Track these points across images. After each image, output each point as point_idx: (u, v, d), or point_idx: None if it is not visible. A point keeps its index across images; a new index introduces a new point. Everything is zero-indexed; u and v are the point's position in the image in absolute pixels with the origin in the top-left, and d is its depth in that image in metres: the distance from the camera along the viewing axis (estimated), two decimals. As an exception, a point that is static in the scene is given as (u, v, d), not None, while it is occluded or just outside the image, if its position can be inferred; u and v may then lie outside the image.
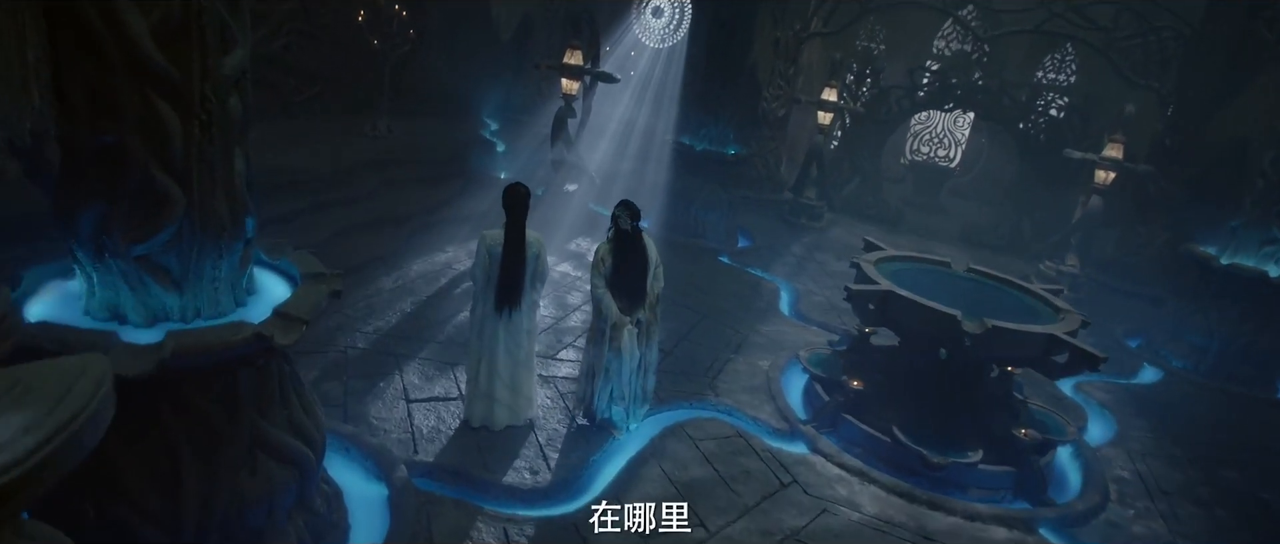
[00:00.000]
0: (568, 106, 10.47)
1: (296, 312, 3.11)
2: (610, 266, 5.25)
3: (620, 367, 5.44)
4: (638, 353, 5.51)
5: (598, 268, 5.26)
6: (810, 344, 7.76)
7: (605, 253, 5.28)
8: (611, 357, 5.36)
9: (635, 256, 5.29)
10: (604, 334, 5.34)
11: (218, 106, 2.87)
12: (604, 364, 5.40)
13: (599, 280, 5.26)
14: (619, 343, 5.35)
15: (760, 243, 11.63)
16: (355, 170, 9.53)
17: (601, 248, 5.31)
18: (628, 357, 5.42)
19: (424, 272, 8.03)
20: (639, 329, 5.46)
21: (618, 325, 5.30)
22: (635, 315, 5.38)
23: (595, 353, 5.46)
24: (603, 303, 5.26)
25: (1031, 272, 12.19)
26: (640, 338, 5.49)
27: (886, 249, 7.21)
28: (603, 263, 5.26)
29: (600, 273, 5.26)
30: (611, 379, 5.50)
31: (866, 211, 15.04)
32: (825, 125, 12.80)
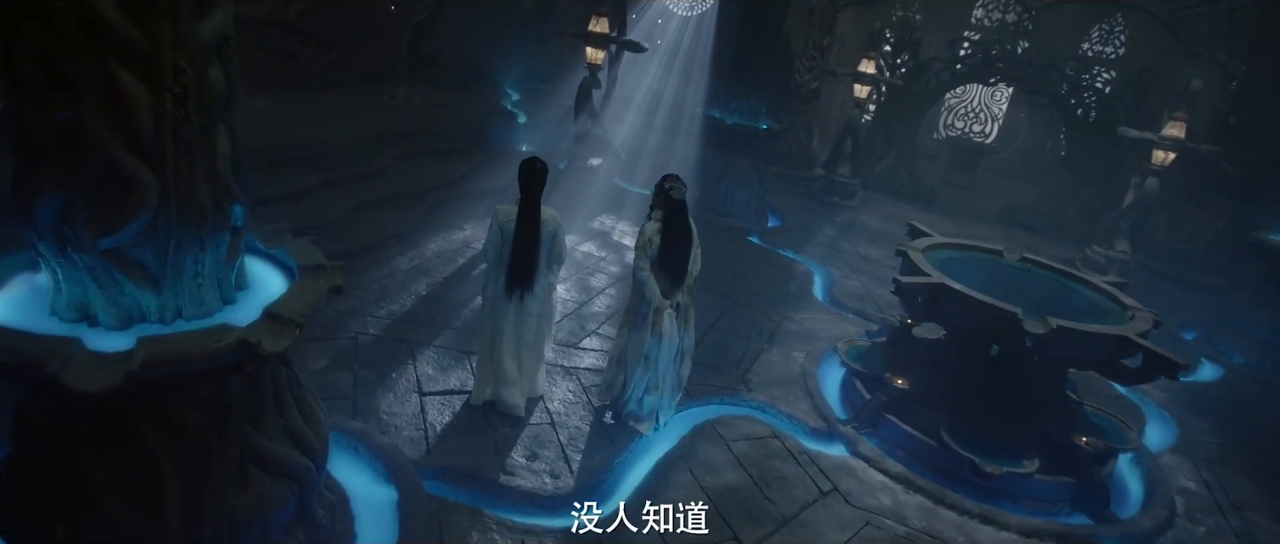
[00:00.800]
0: (592, 77, 9.99)
1: (289, 312, 2.74)
2: (658, 247, 4.90)
3: (660, 353, 5.08)
4: (676, 339, 5.16)
5: (645, 249, 4.92)
6: (847, 335, 7.33)
7: (653, 233, 4.93)
8: (652, 342, 5.02)
9: (682, 235, 4.95)
10: (646, 319, 5.01)
11: (194, 78, 2.47)
12: (644, 350, 5.06)
13: (645, 261, 4.92)
14: (660, 327, 5.00)
15: (791, 222, 11.13)
16: (372, 143, 9.16)
17: (648, 228, 4.96)
18: (668, 342, 5.08)
19: (441, 250, 7.68)
20: (677, 313, 5.11)
21: (660, 309, 4.96)
22: (675, 298, 5.04)
23: (632, 339, 5.10)
24: (647, 286, 4.92)
25: (1077, 257, 11.60)
26: (679, 321, 5.15)
27: (933, 235, 6.71)
28: (650, 244, 4.92)
29: (647, 254, 4.92)
30: (651, 366, 5.13)
31: (900, 189, 14.44)
32: (861, 99, 12.17)
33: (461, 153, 10.36)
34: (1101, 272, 10.69)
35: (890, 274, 9.68)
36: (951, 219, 13.48)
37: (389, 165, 8.93)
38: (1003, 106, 21.87)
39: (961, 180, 16.77)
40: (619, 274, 7.88)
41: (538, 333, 5.08)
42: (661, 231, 4.91)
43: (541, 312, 5.05)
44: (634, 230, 9.25)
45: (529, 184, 4.74)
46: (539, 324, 5.07)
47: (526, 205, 4.75)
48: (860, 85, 12.01)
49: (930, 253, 6.14)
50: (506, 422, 4.93)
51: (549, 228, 4.83)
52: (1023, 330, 4.76)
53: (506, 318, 4.91)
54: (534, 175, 4.73)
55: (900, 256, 6.01)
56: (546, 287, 5.02)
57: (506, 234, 4.75)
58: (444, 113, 11.35)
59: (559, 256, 4.98)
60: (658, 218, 4.96)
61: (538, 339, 5.10)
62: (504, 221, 4.75)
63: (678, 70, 14.01)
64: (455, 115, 11.40)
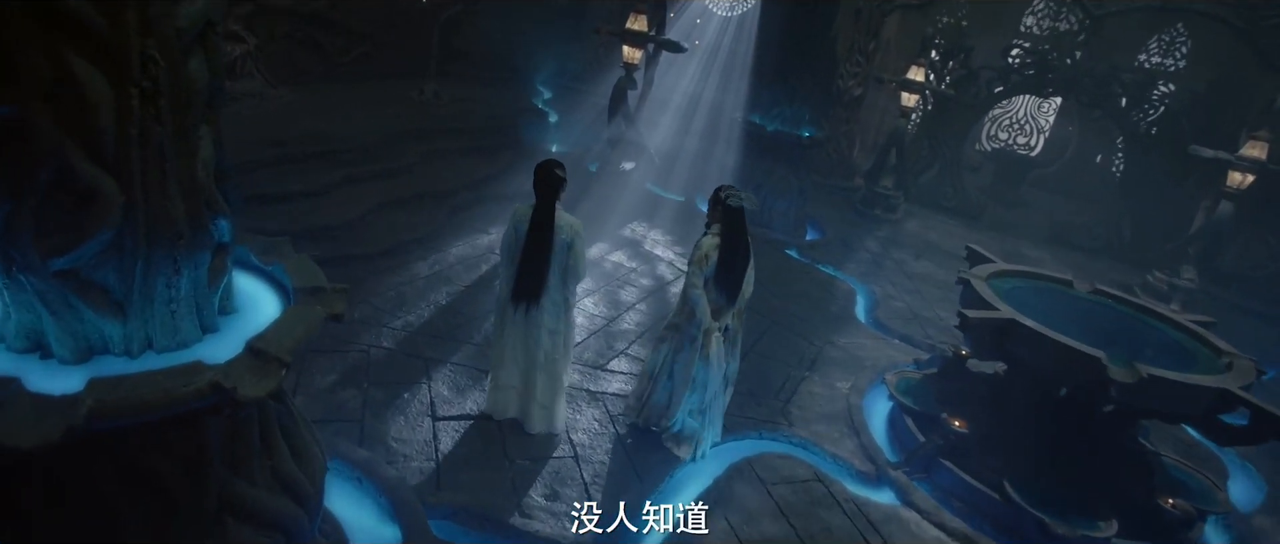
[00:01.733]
0: (628, 77, 9.55)
1: (275, 348, 2.32)
2: (714, 264, 4.52)
3: (708, 378, 4.69)
4: (724, 365, 4.77)
5: (701, 264, 4.53)
6: (893, 361, 6.82)
7: (711, 248, 4.53)
8: (701, 366, 4.64)
9: (741, 251, 4.55)
10: (695, 340, 4.62)
11: (168, 71, 2.07)
12: (693, 373, 4.67)
13: (699, 278, 4.53)
14: (708, 350, 4.62)
15: (831, 235, 10.58)
16: (397, 139, 8.82)
17: (705, 243, 4.56)
18: (716, 367, 4.69)
19: (464, 256, 7.29)
20: (727, 336, 4.72)
21: (709, 331, 4.58)
22: (724, 321, 4.65)
23: (680, 360, 4.71)
24: (698, 305, 4.54)
25: (1136, 282, 10.90)
26: (727, 347, 4.76)
27: (995, 260, 6.17)
28: (706, 260, 4.52)
29: (702, 270, 4.52)
30: (699, 391, 4.74)
31: (943, 203, 13.78)
32: (909, 108, 11.58)
33: (490, 152, 9.99)
34: (1165, 300, 10.00)
35: (937, 294, 9.24)
36: (998, 236, 12.82)
37: (414, 163, 8.58)
38: (1050, 118, 21.01)
39: (1006, 195, 16.01)
40: (650, 287, 7.42)
41: (550, 354, 4.60)
42: (721, 246, 4.52)
43: (554, 329, 4.59)
44: (667, 240, 8.81)
45: (543, 189, 4.36)
46: (552, 343, 4.59)
47: (540, 210, 4.36)
48: (908, 93, 11.41)
49: (993, 281, 5.60)
50: (526, 453, 4.50)
51: (563, 236, 4.39)
52: (1108, 379, 4.22)
53: (513, 328, 4.55)
54: (549, 180, 4.35)
55: (961, 285, 5.48)
56: (560, 303, 4.57)
57: (521, 234, 4.40)
58: (473, 109, 11.00)
59: (576, 271, 4.51)
60: (716, 231, 4.57)
61: (550, 361, 4.62)
62: (519, 221, 4.43)
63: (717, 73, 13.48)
64: (484, 112, 11.04)
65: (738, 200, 4.50)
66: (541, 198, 4.37)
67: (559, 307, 4.57)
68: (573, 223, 4.47)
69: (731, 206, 4.49)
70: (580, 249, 4.48)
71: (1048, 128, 21.70)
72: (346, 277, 6.27)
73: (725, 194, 4.53)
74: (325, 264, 6.21)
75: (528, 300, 4.45)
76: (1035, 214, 15.07)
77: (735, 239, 4.53)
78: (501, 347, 4.62)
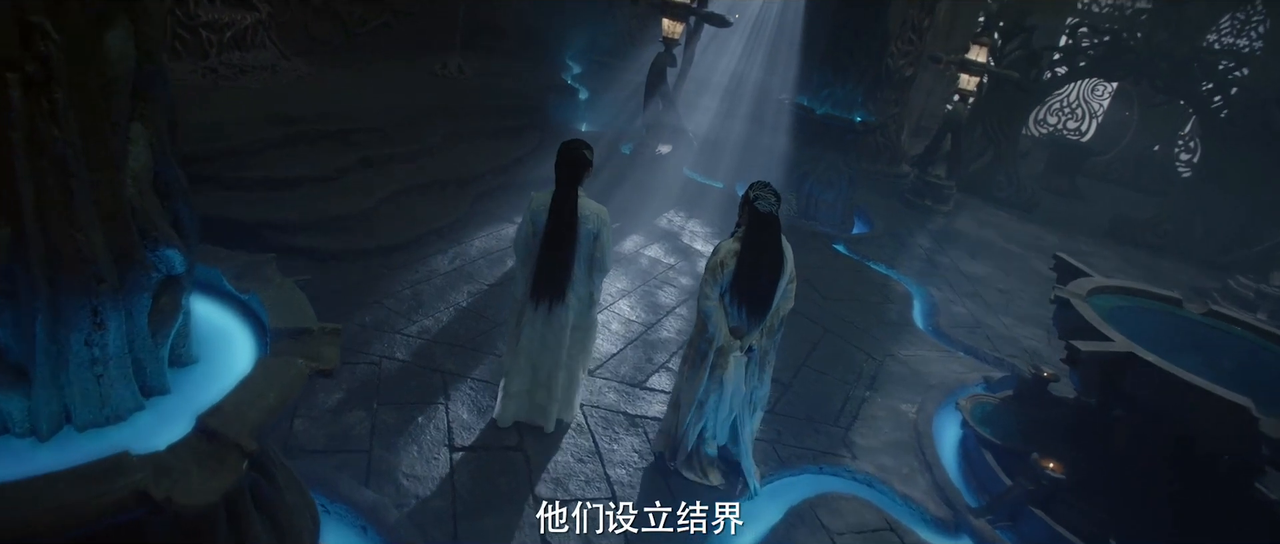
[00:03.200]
0: (667, 53, 8.80)
1: (234, 429, 1.71)
2: (732, 271, 3.85)
3: (720, 402, 4.07)
4: (743, 389, 4.09)
5: (714, 272, 3.87)
6: (959, 377, 6.14)
7: (728, 254, 3.87)
8: (710, 388, 4.02)
9: (768, 259, 3.87)
10: (706, 358, 3.99)
11: (68, 49, 1.42)
12: (697, 394, 4.05)
13: (712, 288, 3.88)
14: (723, 372, 3.97)
15: (880, 229, 9.81)
16: (418, 118, 8.17)
17: (723, 248, 3.90)
18: (731, 391, 4.03)
19: (487, 249, 6.66)
20: (750, 359, 4.04)
21: (724, 350, 3.92)
22: (748, 340, 3.97)
23: (689, 378, 4.11)
24: (711, 318, 3.90)
25: (1215, 287, 10.03)
26: (752, 369, 4.08)
27: (1087, 271, 5.42)
28: (721, 267, 3.86)
29: (717, 280, 3.87)
30: (705, 416, 4.13)
31: (996, 193, 12.90)
32: (968, 91, 10.69)
33: (516, 132, 9.32)
34: (1251, 308, 9.15)
35: (999, 301, 8.45)
36: (1055, 230, 11.97)
37: (435, 145, 7.93)
38: (1104, 102, 19.86)
39: (1059, 185, 15.04)
40: (691, 288, 6.75)
41: (572, 351, 4.20)
42: (741, 253, 3.84)
43: (578, 325, 4.15)
44: (707, 232, 8.12)
45: (566, 171, 3.85)
46: (574, 340, 4.18)
47: (560, 197, 3.85)
48: (968, 75, 10.52)
49: (1092, 299, 4.86)
50: (556, 489, 3.89)
51: (589, 226, 3.90)
52: (1257, 434, 3.50)
53: (532, 328, 4.07)
54: (573, 161, 3.84)
55: (1057, 305, 4.74)
56: (584, 298, 4.11)
57: (538, 227, 3.90)
58: (499, 86, 10.31)
59: (601, 263, 4.03)
60: (739, 236, 3.91)
61: (571, 358, 4.22)
62: (536, 211, 3.90)
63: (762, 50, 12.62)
64: (511, 89, 10.34)
65: (767, 204, 3.79)
66: (563, 182, 3.85)
67: (584, 303, 4.13)
68: (598, 210, 3.94)
69: (759, 210, 3.79)
70: (606, 240, 3.99)
71: (1101, 113, 20.55)
72: (358, 274, 5.70)
73: (753, 194, 3.83)
74: (336, 260, 5.63)
75: (551, 297, 3.97)
76: (1093, 207, 14.13)
77: (760, 248, 3.84)
78: (518, 351, 4.14)
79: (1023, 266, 9.70)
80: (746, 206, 3.88)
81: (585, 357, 4.39)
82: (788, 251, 3.97)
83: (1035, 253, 10.44)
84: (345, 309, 5.13)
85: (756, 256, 3.85)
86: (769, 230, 3.83)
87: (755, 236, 3.84)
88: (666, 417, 4.41)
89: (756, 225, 3.83)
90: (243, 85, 7.53)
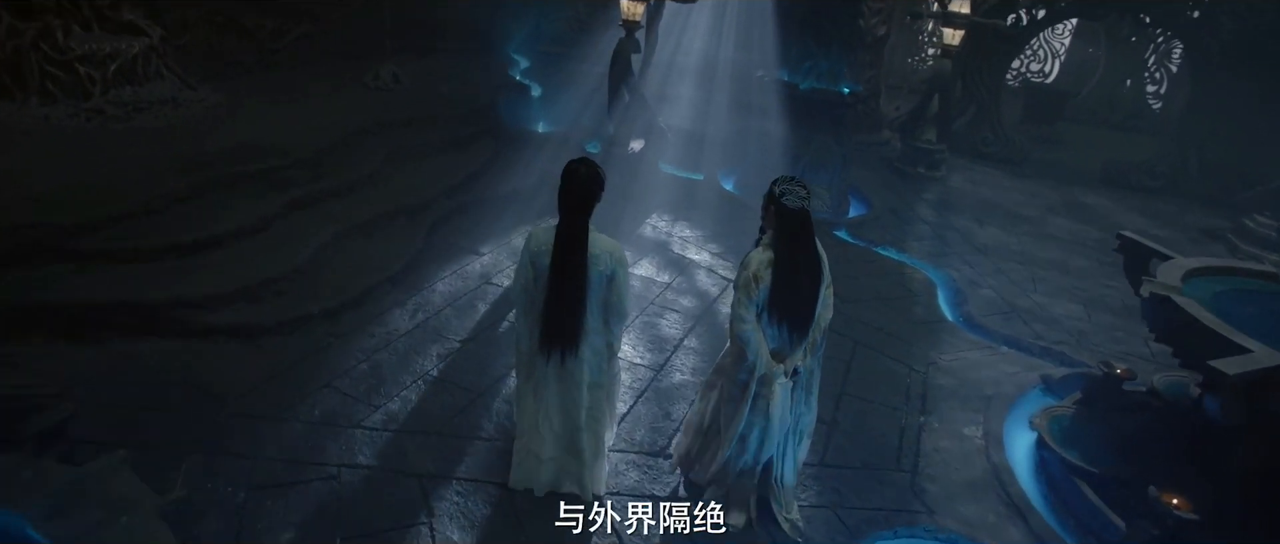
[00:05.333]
0: (630, 38, 7.80)
1: None
2: (768, 287, 3.23)
3: (766, 435, 3.42)
4: (789, 417, 3.44)
5: (747, 289, 3.24)
6: (1011, 378, 5.39)
7: (762, 266, 3.24)
8: (754, 419, 3.37)
9: (806, 265, 3.28)
10: (747, 389, 3.32)
11: None
12: (738, 429, 3.40)
13: (748, 308, 3.25)
14: (770, 403, 3.33)
15: (878, 207, 9.02)
16: (352, 140, 7.06)
17: (754, 260, 3.27)
18: (778, 421, 3.38)
19: (453, 294, 5.65)
20: (796, 383, 3.40)
21: (767, 378, 3.32)
22: (792, 362, 3.34)
23: (726, 410, 3.45)
24: (750, 343, 3.27)
25: (1228, 227, 9.51)
26: (797, 394, 3.46)
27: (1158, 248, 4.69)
28: (755, 283, 3.23)
29: (752, 298, 3.24)
30: (749, 449, 3.47)
31: (983, 149, 12.24)
32: (952, 46, 9.90)
33: (467, 143, 8.25)
34: (1274, 249, 8.61)
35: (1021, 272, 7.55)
36: (1048, 183, 11.36)
37: (376, 171, 6.84)
38: (1065, 41, 19.38)
39: (1040, 133, 14.46)
40: (695, 309, 5.85)
41: (594, 412, 3.50)
42: (775, 263, 3.18)
43: (596, 382, 3.43)
44: (698, 236, 7.21)
45: (572, 200, 3.21)
46: (595, 399, 3.47)
47: (567, 232, 3.22)
48: (951, 29, 9.72)
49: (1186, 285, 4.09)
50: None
51: (602, 267, 3.27)
52: None
53: (546, 385, 3.46)
54: (579, 187, 3.20)
55: (1150, 303, 3.95)
56: (602, 350, 3.48)
57: (541, 269, 3.27)
58: (441, 91, 9.18)
59: (619, 309, 3.42)
60: (768, 243, 3.25)
61: (594, 420, 3.54)
62: (537, 251, 3.28)
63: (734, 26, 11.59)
64: (455, 93, 9.23)
65: (797, 199, 3.18)
66: (570, 211, 3.21)
67: (602, 355, 3.49)
68: (611, 247, 3.32)
69: (788, 208, 3.19)
70: (623, 281, 3.36)
71: (1063, 52, 20.07)
72: (300, 349, 4.64)
73: (779, 190, 3.21)
74: (271, 334, 4.53)
75: (564, 347, 3.34)
76: (1078, 153, 13.57)
77: (796, 253, 3.24)
78: (533, 410, 3.55)
79: (1033, 230, 9.02)
80: (772, 206, 3.23)
81: (611, 416, 3.78)
82: (822, 252, 3.35)
83: (1040, 211, 9.80)
84: (286, 402, 4.11)
85: (793, 264, 3.22)
86: (803, 230, 3.24)
87: (788, 240, 3.22)
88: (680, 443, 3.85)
89: (788, 227, 3.21)
90: (138, 126, 6.34)
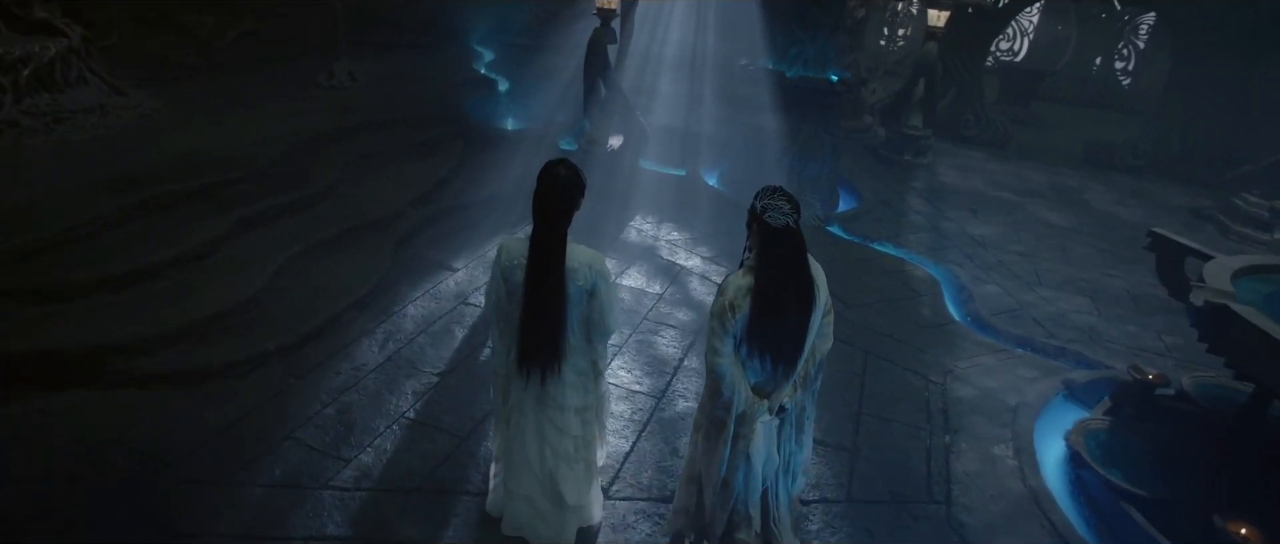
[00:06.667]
0: (605, 27, 7.29)
1: None
2: (746, 314, 2.72)
3: (749, 477, 2.96)
4: (776, 457, 3.00)
5: (722, 318, 2.74)
6: (1042, 393, 5.03)
7: (738, 293, 2.73)
8: (738, 463, 2.93)
9: (793, 290, 2.73)
10: (724, 427, 2.86)
11: None
12: (720, 472, 2.95)
13: (724, 338, 2.75)
14: (749, 444, 2.88)
15: (869, 199, 8.66)
16: (306, 148, 6.46)
17: (731, 286, 2.76)
18: (759, 462, 2.93)
19: (427, 317, 5.12)
20: (783, 421, 2.95)
21: (747, 417, 2.86)
22: (779, 397, 2.86)
23: (706, 451, 2.98)
24: (724, 377, 2.80)
25: (1216, 206, 9.37)
26: (785, 433, 3.00)
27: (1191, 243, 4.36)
28: (731, 311, 2.72)
29: (727, 328, 2.74)
30: (733, 495, 2.99)
31: (965, 132, 12.01)
32: (938, 28, 9.56)
33: (433, 146, 7.67)
34: (1267, 229, 8.47)
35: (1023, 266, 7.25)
36: (1032, 166, 11.15)
37: (335, 181, 6.25)
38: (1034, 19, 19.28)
39: (1017, 113, 14.29)
40: (693, 324, 5.41)
41: (582, 439, 3.16)
42: (755, 288, 2.70)
43: (583, 405, 3.11)
44: (687, 239, 6.77)
45: (550, 206, 2.75)
46: (582, 424, 3.13)
47: (541, 243, 2.78)
48: (936, 11, 9.37)
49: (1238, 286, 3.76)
50: None
51: (581, 281, 2.85)
52: None
53: (524, 411, 3.04)
54: (555, 190, 2.75)
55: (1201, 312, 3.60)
56: (586, 370, 3.07)
57: (514, 285, 2.86)
58: (402, 90, 8.58)
59: (603, 325, 2.99)
60: (751, 266, 2.78)
61: (583, 447, 3.17)
62: (509, 264, 2.88)
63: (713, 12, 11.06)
64: (417, 92, 8.63)
65: (781, 215, 2.63)
66: (546, 220, 2.76)
67: (586, 375, 3.08)
68: (592, 259, 2.89)
69: (771, 225, 2.64)
70: (605, 295, 2.92)
71: (1032, 30, 19.98)
72: (256, 395, 4.05)
73: (760, 205, 2.68)
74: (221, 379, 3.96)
75: (543, 368, 2.92)
76: (1057, 133, 13.43)
77: (781, 276, 2.70)
78: (510, 439, 3.13)
79: (1027, 217, 8.75)
80: (754, 223, 2.72)
81: (600, 439, 3.45)
82: (819, 275, 2.82)
83: (1030, 197, 9.56)
84: (241, 461, 3.57)
85: (777, 289, 2.70)
86: (789, 250, 2.68)
87: (771, 264, 2.70)
88: (680, 495, 3.28)
89: (772, 246, 2.68)
90: (60, 139, 5.68)
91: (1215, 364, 5.51)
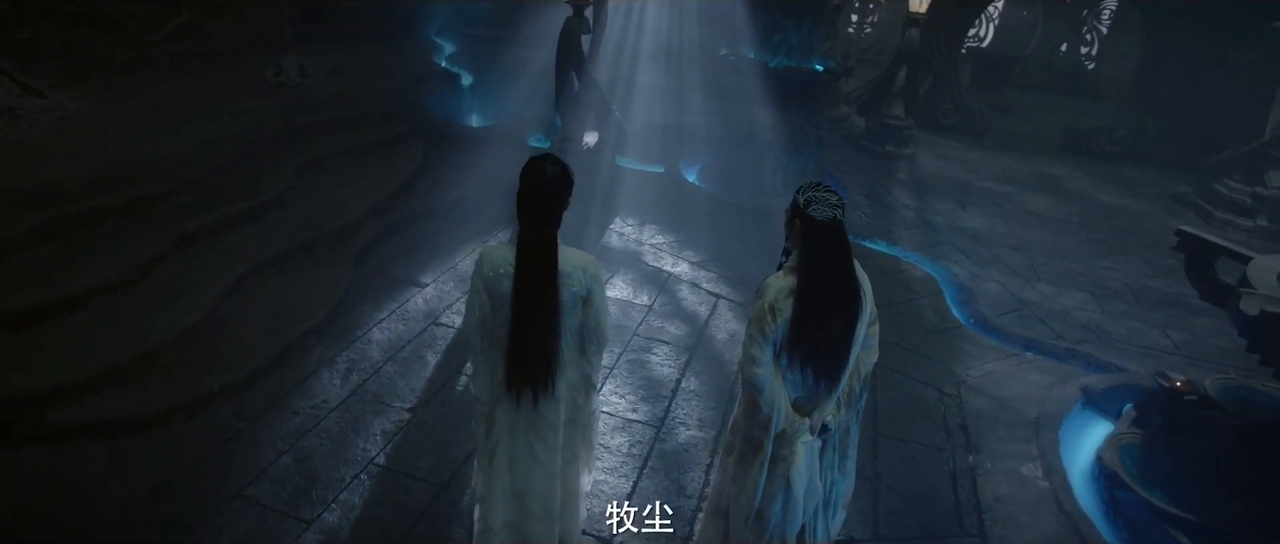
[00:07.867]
0: (578, 17, 6.79)
1: None
2: (787, 321, 2.44)
3: (788, 508, 2.61)
4: (819, 485, 2.64)
5: (762, 323, 2.46)
6: (1061, 401, 4.73)
7: (780, 297, 2.45)
8: (774, 490, 2.60)
9: (840, 293, 2.48)
10: (761, 449, 2.57)
11: None
12: (755, 502, 2.61)
13: (763, 346, 2.47)
14: (790, 467, 2.54)
15: (854, 192, 8.33)
16: (253, 153, 5.86)
17: (771, 287, 2.48)
18: (800, 489, 2.58)
19: (395, 342, 4.61)
20: (826, 442, 2.62)
21: (787, 436, 2.54)
22: (821, 415, 2.58)
23: (738, 477, 2.66)
24: (764, 390, 2.49)
25: (1197, 192, 9.29)
26: (828, 457, 2.67)
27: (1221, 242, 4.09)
28: (771, 315, 2.45)
29: (767, 334, 2.46)
30: (769, 529, 2.64)
31: (943, 121, 11.80)
32: (918, 14, 9.26)
33: (392, 145, 7.10)
34: (1249, 215, 8.37)
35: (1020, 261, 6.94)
36: (1012, 154, 10.98)
37: (286, 189, 5.67)
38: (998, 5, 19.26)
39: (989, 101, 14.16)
40: (686, 338, 4.99)
41: (573, 458, 2.84)
42: (799, 290, 2.43)
43: (572, 419, 2.78)
44: (672, 242, 6.34)
45: (538, 206, 2.44)
46: (570, 436, 2.80)
47: (531, 248, 2.47)
48: (917, -3, 9.08)
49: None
50: None
51: (575, 286, 2.56)
52: None
53: (513, 436, 2.68)
54: (542, 189, 2.43)
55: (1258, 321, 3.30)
56: (579, 384, 2.75)
57: (499, 297, 2.52)
58: (357, 85, 7.96)
59: (598, 334, 2.71)
60: (793, 267, 2.49)
61: (572, 464, 2.85)
62: (491, 274, 2.54)
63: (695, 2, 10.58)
64: (373, 87, 8.02)
65: (829, 208, 2.41)
66: (534, 223, 2.46)
67: (578, 389, 2.77)
68: (585, 262, 2.61)
69: (816, 220, 2.40)
70: (599, 299, 2.66)
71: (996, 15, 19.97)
72: (200, 445, 3.48)
73: (805, 198, 2.45)
74: (160, 426, 3.08)
75: (535, 385, 2.59)
76: (1031, 121, 13.34)
77: (826, 277, 2.45)
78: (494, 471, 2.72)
79: (1016, 209, 8.54)
80: (796, 219, 2.46)
81: (588, 456, 3.03)
82: (864, 280, 2.54)
83: (1015, 187, 9.36)
84: (181, 528, 3.04)
85: (822, 291, 2.45)
86: (835, 249, 2.45)
87: (816, 262, 2.44)
88: (703, 530, 2.97)
89: (816, 245, 2.44)
90: (-37, 150, 4.98)
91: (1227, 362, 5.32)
